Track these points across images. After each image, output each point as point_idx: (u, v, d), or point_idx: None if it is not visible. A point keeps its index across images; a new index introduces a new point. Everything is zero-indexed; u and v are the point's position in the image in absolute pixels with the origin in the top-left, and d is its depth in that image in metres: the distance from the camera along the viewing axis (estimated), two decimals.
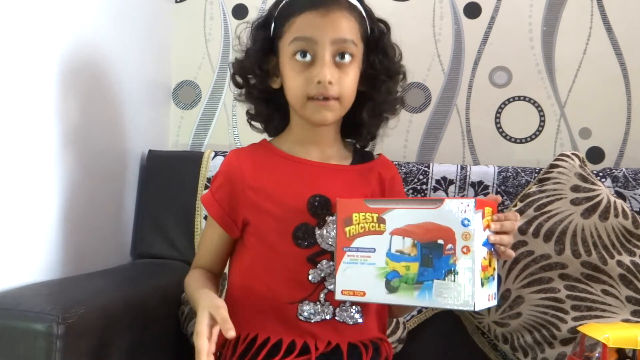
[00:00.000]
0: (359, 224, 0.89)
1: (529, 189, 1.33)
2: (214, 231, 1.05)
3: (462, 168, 1.42)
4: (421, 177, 1.41)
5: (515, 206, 1.31)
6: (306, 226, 0.97)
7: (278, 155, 1.04)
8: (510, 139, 1.60)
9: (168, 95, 1.71)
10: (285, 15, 0.99)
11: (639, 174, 1.35)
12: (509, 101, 1.60)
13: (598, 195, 1.27)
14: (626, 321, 1.21)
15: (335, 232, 0.92)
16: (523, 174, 1.39)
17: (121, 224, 1.46)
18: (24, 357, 0.90)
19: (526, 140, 1.59)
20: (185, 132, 1.71)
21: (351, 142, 1.11)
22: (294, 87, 0.98)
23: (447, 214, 0.83)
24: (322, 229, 0.97)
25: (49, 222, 1.16)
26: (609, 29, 1.56)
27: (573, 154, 1.32)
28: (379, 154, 1.12)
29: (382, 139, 1.12)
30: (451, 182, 1.40)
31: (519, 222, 1.26)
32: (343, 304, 0.97)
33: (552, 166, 1.32)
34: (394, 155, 1.44)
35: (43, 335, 0.90)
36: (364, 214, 0.89)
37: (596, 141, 1.56)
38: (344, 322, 0.97)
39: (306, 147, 1.04)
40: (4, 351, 0.90)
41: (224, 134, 1.69)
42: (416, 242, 0.85)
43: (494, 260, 0.89)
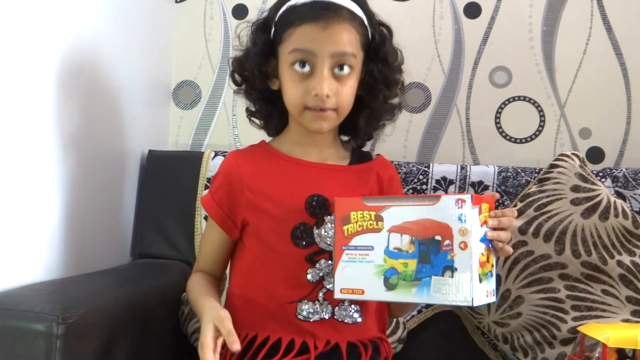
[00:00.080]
0: (356, 222, 0.89)
1: (529, 189, 1.32)
2: (214, 233, 1.05)
3: (462, 168, 1.42)
4: (421, 177, 1.41)
5: (515, 206, 1.31)
6: (304, 226, 0.97)
7: (276, 157, 1.04)
8: (510, 139, 1.60)
9: (168, 95, 1.71)
10: (286, 23, 0.98)
11: (639, 174, 1.35)
12: (509, 101, 1.60)
13: (598, 195, 1.26)
14: (626, 321, 1.20)
15: (334, 231, 0.92)
16: (523, 174, 1.39)
17: (121, 224, 1.46)
18: (24, 357, 0.90)
19: (526, 140, 1.59)
20: (185, 132, 1.71)
21: (349, 143, 1.11)
22: (291, 96, 0.98)
23: (444, 210, 0.83)
24: (320, 229, 0.97)
25: (49, 222, 1.16)
26: (609, 29, 1.56)
27: (573, 154, 1.32)
28: (377, 154, 1.12)
29: (383, 138, 1.12)
30: (451, 182, 1.40)
31: (518, 222, 1.27)
32: (342, 303, 0.97)
33: (552, 166, 1.31)
34: (394, 156, 1.44)
35: (43, 335, 0.90)
36: (361, 212, 0.89)
37: (596, 141, 1.56)
38: (343, 321, 0.97)
39: (305, 148, 1.04)
40: (4, 351, 0.90)
41: (224, 134, 1.69)
42: (414, 239, 0.85)
43: (492, 256, 0.89)
